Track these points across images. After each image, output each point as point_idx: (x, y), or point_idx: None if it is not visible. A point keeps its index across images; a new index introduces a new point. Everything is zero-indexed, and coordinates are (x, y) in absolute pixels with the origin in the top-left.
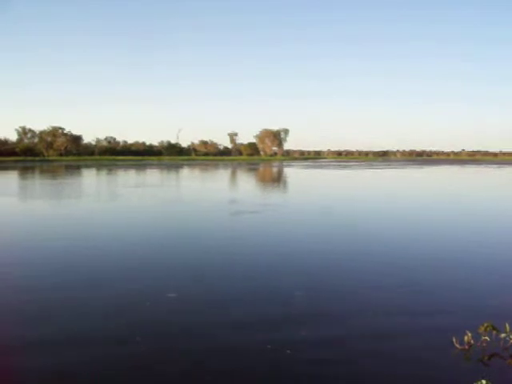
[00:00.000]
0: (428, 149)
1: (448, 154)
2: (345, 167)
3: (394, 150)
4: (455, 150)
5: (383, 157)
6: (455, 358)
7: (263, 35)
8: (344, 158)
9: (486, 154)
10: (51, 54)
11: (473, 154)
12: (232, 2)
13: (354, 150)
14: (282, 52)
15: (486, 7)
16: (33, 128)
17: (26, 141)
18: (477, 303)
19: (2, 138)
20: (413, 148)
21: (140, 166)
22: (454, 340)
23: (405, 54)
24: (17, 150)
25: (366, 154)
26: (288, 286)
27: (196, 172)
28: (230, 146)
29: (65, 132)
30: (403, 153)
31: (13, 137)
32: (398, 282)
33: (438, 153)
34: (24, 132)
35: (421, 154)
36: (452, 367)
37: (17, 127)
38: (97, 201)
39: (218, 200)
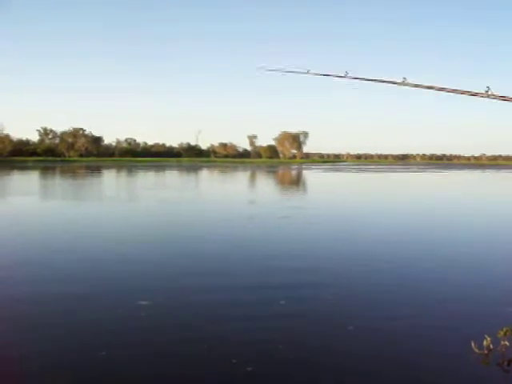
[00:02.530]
0: (448, 152)
1: (468, 158)
2: (372, 171)
3: (414, 153)
4: (475, 154)
5: (403, 160)
6: (474, 362)
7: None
8: (363, 161)
9: (508, 158)
10: (76, 62)
11: (494, 158)
12: None
13: (373, 153)
14: (304, 54)
15: None
16: (54, 129)
17: (47, 141)
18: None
19: (24, 138)
20: (433, 152)
21: (160, 168)
22: (472, 344)
23: (421, 53)
24: (38, 150)
25: (386, 157)
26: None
27: (219, 174)
28: (249, 148)
29: (85, 133)
30: (423, 156)
31: (34, 137)
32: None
33: (458, 157)
34: (45, 133)
35: (441, 157)
36: (470, 372)
37: (38, 128)
38: (125, 201)
39: (263, 205)
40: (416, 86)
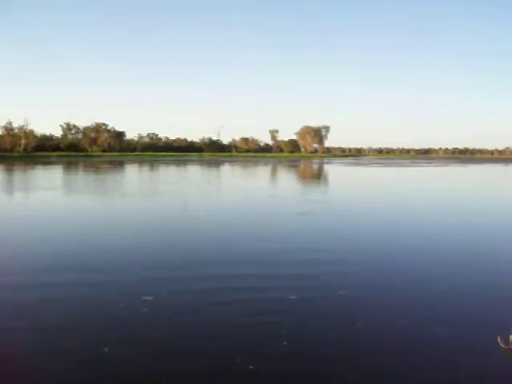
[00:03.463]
0: (471, 146)
1: (492, 152)
2: (397, 165)
3: (436, 147)
4: (499, 148)
5: (425, 155)
6: (500, 357)
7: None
8: (385, 155)
9: None
10: (103, 64)
11: None
12: None
13: (395, 147)
14: (327, 48)
15: None
16: (77, 124)
17: (70, 136)
18: None
19: (48, 133)
20: (455, 146)
21: (183, 162)
22: (498, 339)
23: (450, 48)
24: (61, 145)
25: (408, 151)
26: None
27: (243, 169)
28: (270, 142)
29: (108, 128)
30: (445, 151)
31: (57, 132)
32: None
33: (481, 151)
34: (68, 128)
35: (464, 151)
36: (496, 367)
37: (61, 123)
38: (150, 195)
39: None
40: None
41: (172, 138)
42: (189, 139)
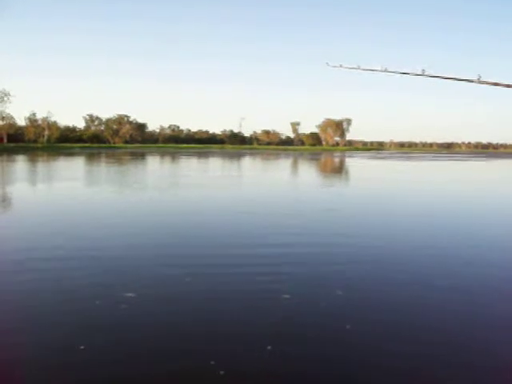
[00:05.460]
0: (494, 141)
1: None
2: (427, 159)
3: (459, 142)
4: None
5: (448, 149)
6: None
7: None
8: (407, 149)
9: None
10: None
11: None
12: None
13: (417, 141)
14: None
15: None
16: (99, 116)
17: (92, 128)
18: None
19: (71, 125)
20: (478, 140)
21: (206, 154)
22: None
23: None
24: (84, 136)
25: (430, 145)
26: None
27: (267, 161)
28: (292, 135)
29: (130, 120)
30: (468, 145)
31: (80, 124)
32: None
33: (504, 146)
34: (91, 119)
35: (487, 146)
36: None
37: (84, 115)
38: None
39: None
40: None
41: (194, 129)
42: (210, 131)
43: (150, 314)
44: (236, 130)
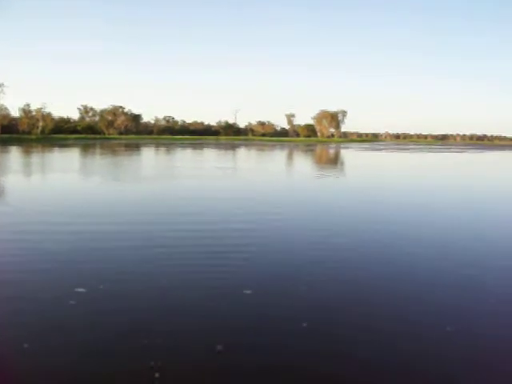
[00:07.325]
0: (489, 133)
1: (511, 138)
2: (432, 151)
3: (454, 133)
4: None
5: (442, 140)
6: None
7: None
8: (402, 140)
9: None
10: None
11: None
12: None
13: (412, 133)
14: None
15: None
16: (94, 107)
17: (87, 119)
18: None
19: (65, 116)
20: (473, 132)
21: (200, 146)
22: None
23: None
24: (78, 127)
25: (425, 137)
26: None
27: (263, 152)
28: (287, 127)
29: (125, 111)
30: (463, 137)
31: (75, 115)
32: None
33: (499, 138)
34: (85, 110)
35: (482, 138)
36: None
37: (79, 106)
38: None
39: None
40: None
41: (188, 121)
42: (205, 123)
43: (100, 312)
44: (231, 122)
